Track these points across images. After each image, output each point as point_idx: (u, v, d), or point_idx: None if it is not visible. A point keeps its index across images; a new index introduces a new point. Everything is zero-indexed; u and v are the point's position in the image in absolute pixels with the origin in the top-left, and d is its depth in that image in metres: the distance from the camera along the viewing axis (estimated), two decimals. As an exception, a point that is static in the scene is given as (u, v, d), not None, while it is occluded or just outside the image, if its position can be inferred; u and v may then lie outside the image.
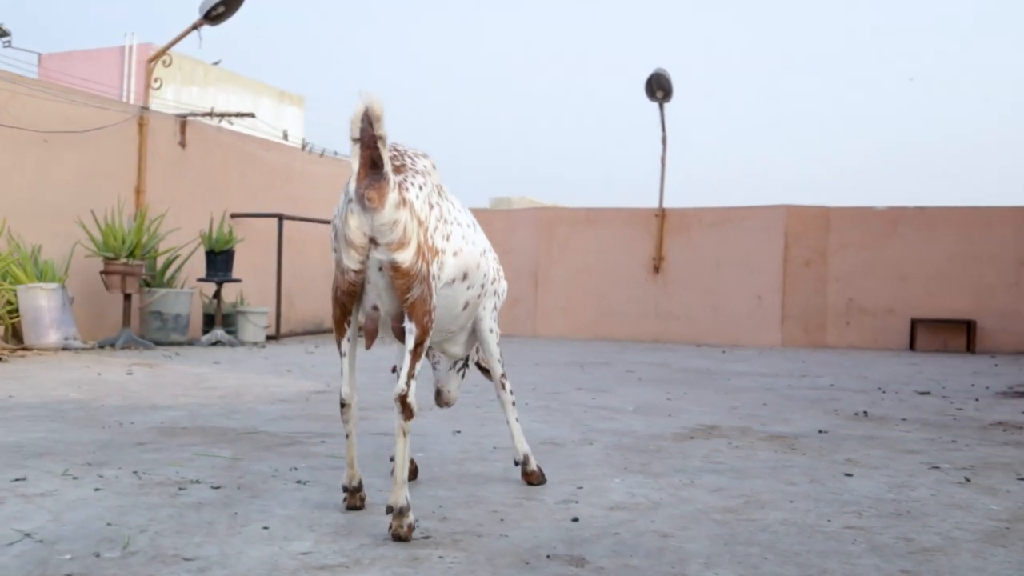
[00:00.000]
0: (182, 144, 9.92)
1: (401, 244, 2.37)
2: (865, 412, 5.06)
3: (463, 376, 3.19)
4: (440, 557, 2.14)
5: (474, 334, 3.04)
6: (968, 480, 3.24)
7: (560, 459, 3.44)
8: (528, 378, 6.54)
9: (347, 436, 2.56)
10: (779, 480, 3.16)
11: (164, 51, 9.73)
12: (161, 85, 10.14)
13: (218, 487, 2.80)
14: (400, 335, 2.50)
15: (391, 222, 2.36)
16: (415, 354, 2.41)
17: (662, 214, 12.51)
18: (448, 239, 2.58)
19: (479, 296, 2.87)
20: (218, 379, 5.96)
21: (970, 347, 11.25)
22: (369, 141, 2.32)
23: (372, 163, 2.34)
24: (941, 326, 11.47)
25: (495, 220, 13.40)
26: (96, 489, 2.73)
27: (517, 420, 3.04)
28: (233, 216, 10.35)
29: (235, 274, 9.48)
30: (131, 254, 8.33)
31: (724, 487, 3.02)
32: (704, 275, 12.28)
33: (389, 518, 2.32)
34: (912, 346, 11.46)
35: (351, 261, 2.40)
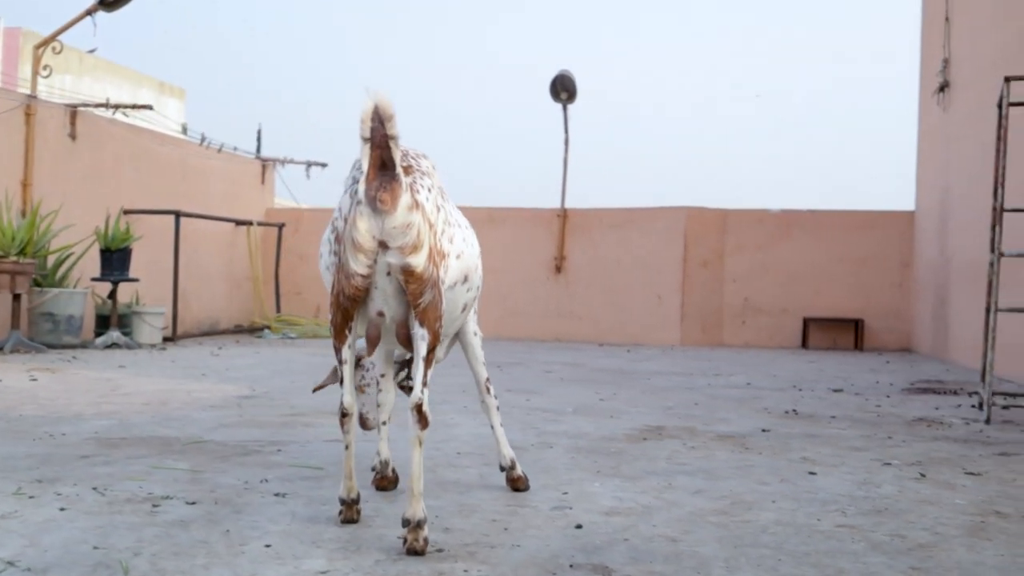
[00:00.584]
0: (72, 136, 9.40)
1: (415, 248, 2.30)
2: (795, 410, 5.21)
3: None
4: (465, 571, 2.08)
5: (454, 338, 2.97)
6: (923, 476, 3.36)
7: (528, 464, 3.40)
8: (454, 379, 6.46)
9: (347, 447, 2.46)
10: (751, 480, 3.21)
11: (54, 37, 9.21)
12: (51, 73, 9.59)
13: (193, 503, 2.64)
14: (405, 341, 2.43)
15: (404, 225, 2.29)
16: (428, 361, 2.34)
17: (564, 214, 12.60)
18: (452, 242, 2.51)
19: (475, 298, 2.81)
20: (132, 385, 5.66)
21: (858, 345, 11.76)
22: (380, 141, 2.24)
23: (382, 164, 2.27)
24: (831, 325, 11.96)
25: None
26: (61, 509, 2.54)
27: (501, 425, 2.99)
28: (127, 212, 9.88)
29: (131, 273, 9.05)
30: (22, 252, 7.84)
31: (703, 489, 3.04)
32: (606, 275, 12.44)
33: (401, 531, 2.24)
34: (804, 344, 11.91)
35: (359, 265, 2.30)
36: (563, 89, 11.92)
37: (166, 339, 9.65)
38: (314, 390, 3.17)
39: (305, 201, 14.53)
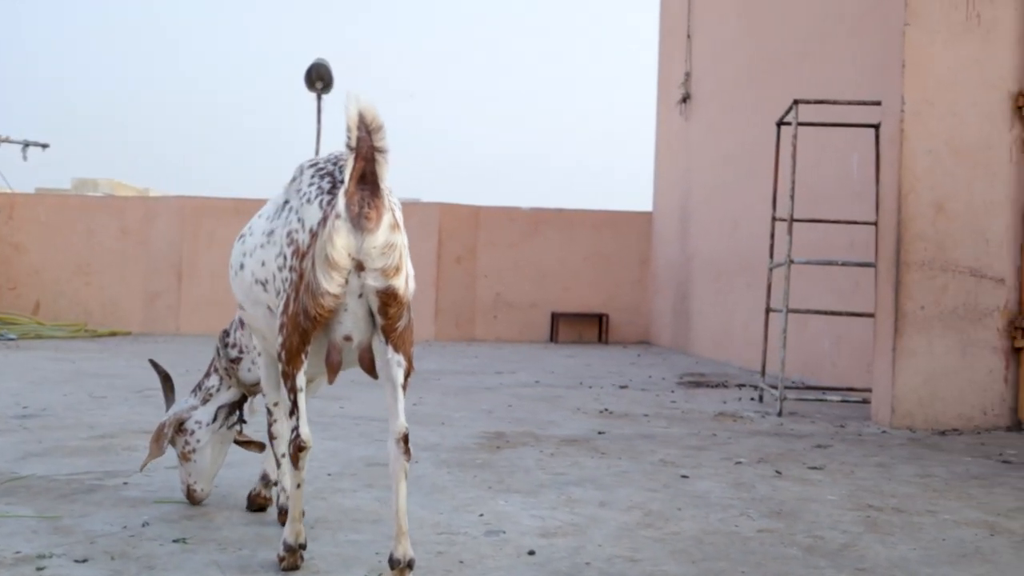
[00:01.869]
0: None
1: (397, 269, 2.12)
2: (607, 410, 5.38)
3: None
4: (467, 617, 1.92)
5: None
6: (779, 473, 3.58)
7: (411, 482, 3.22)
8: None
9: (298, 485, 2.18)
10: (638, 487, 3.25)
11: None
12: None
13: (84, 560, 2.23)
14: (369, 366, 2.21)
15: (386, 245, 2.10)
16: (404, 389, 2.14)
17: (317, 207, 12.22)
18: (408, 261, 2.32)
19: None
20: None
21: (602, 338, 12.42)
22: (367, 153, 2.04)
23: (361, 177, 2.07)
24: (578, 319, 12.53)
25: (129, 208, 12.19)
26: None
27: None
28: None
29: None
30: None
31: (606, 501, 3.04)
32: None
33: (384, 572, 2.02)
34: (553, 338, 12.38)
35: (331, 284, 2.06)
36: (318, 78, 11.50)
37: None
38: (141, 468, 2.83)
39: (21, 185, 12.95)
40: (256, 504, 2.76)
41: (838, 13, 6.99)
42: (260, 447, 2.95)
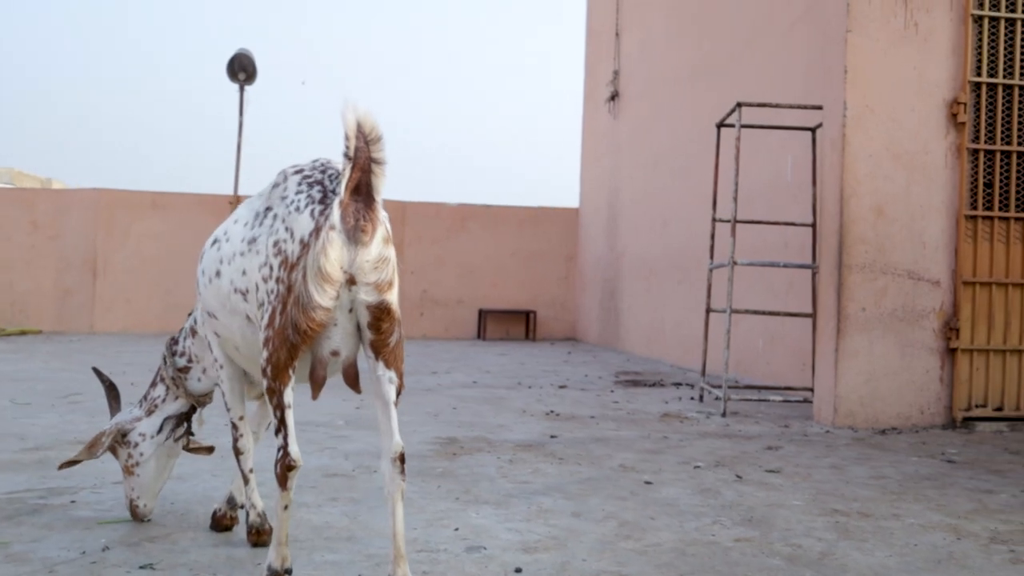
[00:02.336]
0: None
1: (390, 284, 2.07)
2: (554, 412, 5.35)
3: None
4: (472, 645, 1.85)
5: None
6: (740, 477, 3.60)
7: (372, 493, 3.13)
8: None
9: (285, 507, 2.08)
10: (607, 496, 3.22)
11: None
12: None
13: (47, 590, 2.09)
14: (353, 381, 2.13)
15: (380, 259, 2.05)
16: (396, 405, 2.08)
17: (236, 201, 11.87)
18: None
19: None
20: None
21: (529, 335, 12.41)
22: (364, 164, 1.97)
23: (355, 188, 2.00)
24: (505, 316, 12.49)
25: (40, 201, 11.67)
26: None
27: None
28: None
29: None
30: None
31: (578, 511, 3.00)
32: (284, 267, 11.94)
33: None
34: (481, 335, 12.32)
35: (324, 298, 1.98)
36: (241, 69, 11.19)
37: None
38: (61, 466, 2.68)
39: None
40: (222, 525, 2.63)
41: (769, 17, 7.09)
42: (209, 450, 2.83)
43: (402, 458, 2.06)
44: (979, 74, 5.02)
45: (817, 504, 3.16)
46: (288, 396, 2.07)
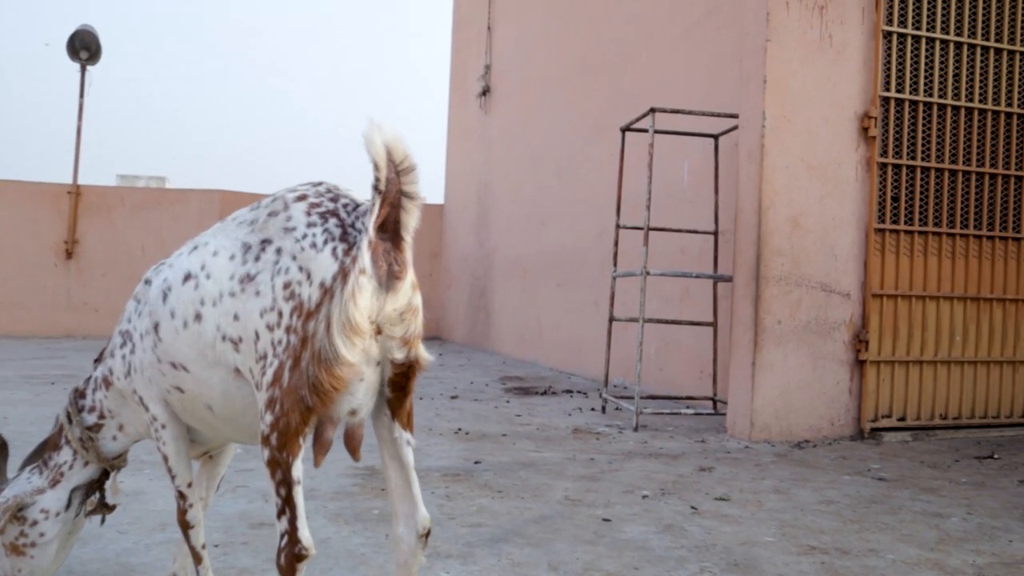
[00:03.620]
0: None
1: (418, 337, 1.81)
2: (463, 430, 5.05)
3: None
4: None
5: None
6: (695, 509, 3.42)
7: (318, 548, 2.76)
8: (35, 411, 5.19)
9: None
10: (571, 539, 2.96)
11: None
12: None
13: None
14: (357, 446, 1.81)
15: (409, 309, 1.77)
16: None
17: (76, 191, 10.90)
18: None
19: None
20: None
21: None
22: (395, 198, 1.65)
23: (381, 225, 1.68)
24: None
25: None
26: None
27: None
28: None
29: None
30: None
31: (552, 562, 2.72)
32: (128, 262, 11.04)
33: None
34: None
35: (352, 353, 1.66)
36: (83, 47, 10.22)
37: None
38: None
39: None
40: None
41: (666, 19, 7.02)
42: (111, 509, 2.35)
43: (427, 534, 1.78)
44: (888, 89, 5.07)
45: (789, 540, 3.02)
46: (298, 470, 1.72)
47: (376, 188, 1.69)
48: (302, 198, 1.83)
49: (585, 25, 8.43)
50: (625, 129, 5.90)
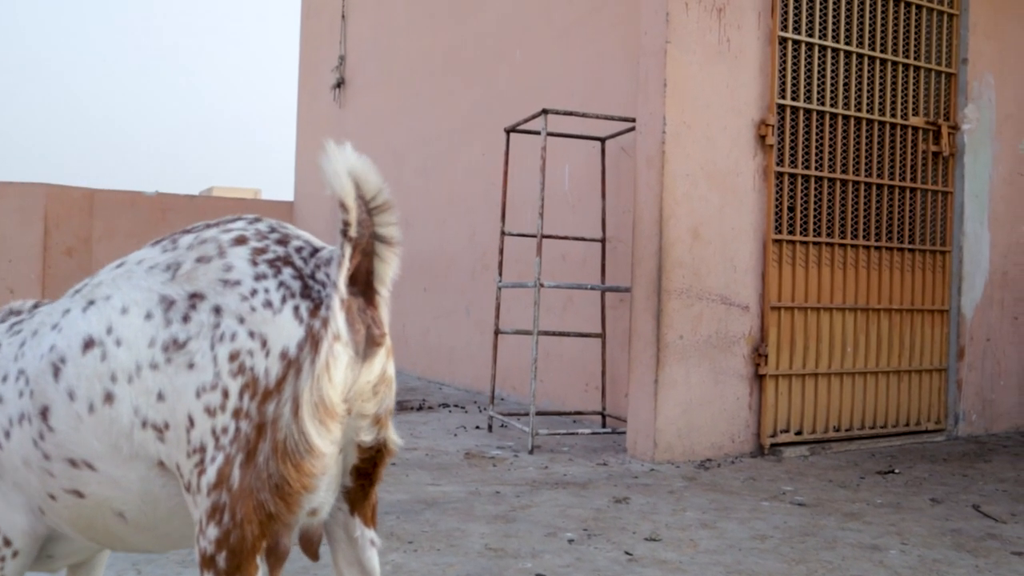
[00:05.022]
0: None
1: (390, 413, 1.42)
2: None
3: None
4: None
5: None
6: (630, 555, 3.14)
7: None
8: None
9: None
10: (510, 605, 2.62)
11: None
12: None
13: None
14: (315, 548, 1.44)
15: (383, 380, 1.38)
16: None
17: None
18: None
19: None
20: None
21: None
22: (367, 245, 1.28)
23: (351, 279, 1.30)
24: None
25: None
26: None
27: None
28: None
29: None
30: None
31: (499, 639, 2.37)
32: (-66, 265, 9.85)
33: None
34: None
35: (326, 442, 1.30)
36: None
37: None
38: None
39: None
40: None
41: (542, 17, 6.74)
42: None
43: None
44: (784, 96, 4.96)
45: (742, 591, 2.78)
46: None
47: (345, 234, 1.31)
48: (240, 241, 1.41)
49: (452, 19, 8.05)
50: (511, 130, 5.57)
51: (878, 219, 5.32)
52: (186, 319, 1.35)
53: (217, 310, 1.34)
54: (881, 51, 5.30)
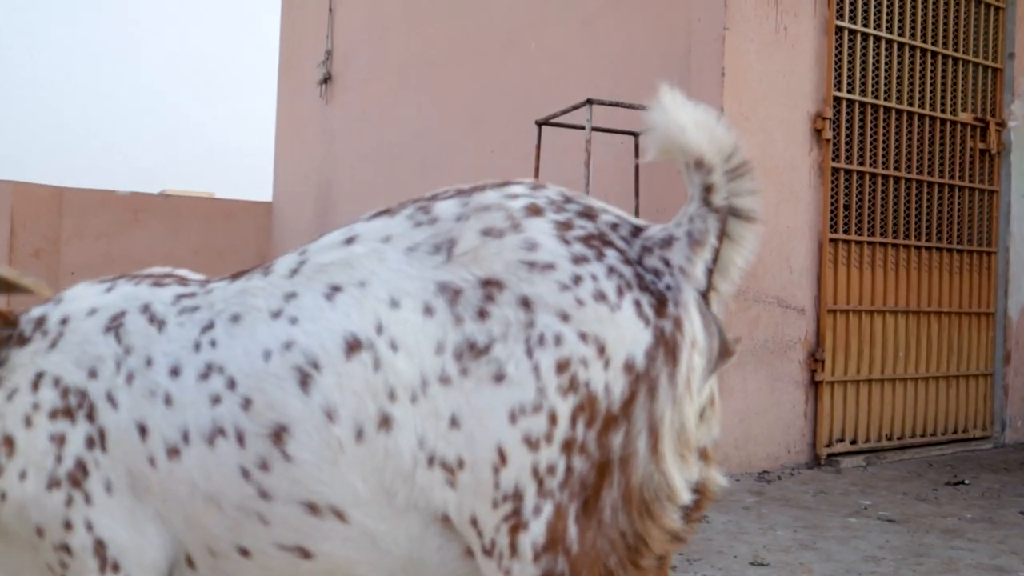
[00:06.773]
0: None
1: (715, 445, 1.12)
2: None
3: None
4: None
5: None
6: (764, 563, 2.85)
7: None
8: None
9: None
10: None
11: None
12: None
13: None
14: None
15: (713, 400, 1.29)
16: None
17: None
18: None
19: None
20: None
21: (218, 345, 10.82)
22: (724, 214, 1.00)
23: None
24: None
25: None
26: None
27: None
28: None
29: None
30: None
31: None
32: None
33: None
34: (160, 347, 10.51)
35: (687, 486, 1.06)
36: None
37: None
38: None
39: None
40: None
41: (547, 4, 6.44)
42: None
43: None
44: (839, 89, 4.72)
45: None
46: None
47: (708, 202, 0.98)
48: (534, 211, 1.07)
49: (455, 10, 7.71)
50: (543, 123, 5.26)
51: (929, 218, 5.11)
52: (482, 315, 1.01)
53: (525, 302, 1.01)
54: (933, 43, 5.10)
